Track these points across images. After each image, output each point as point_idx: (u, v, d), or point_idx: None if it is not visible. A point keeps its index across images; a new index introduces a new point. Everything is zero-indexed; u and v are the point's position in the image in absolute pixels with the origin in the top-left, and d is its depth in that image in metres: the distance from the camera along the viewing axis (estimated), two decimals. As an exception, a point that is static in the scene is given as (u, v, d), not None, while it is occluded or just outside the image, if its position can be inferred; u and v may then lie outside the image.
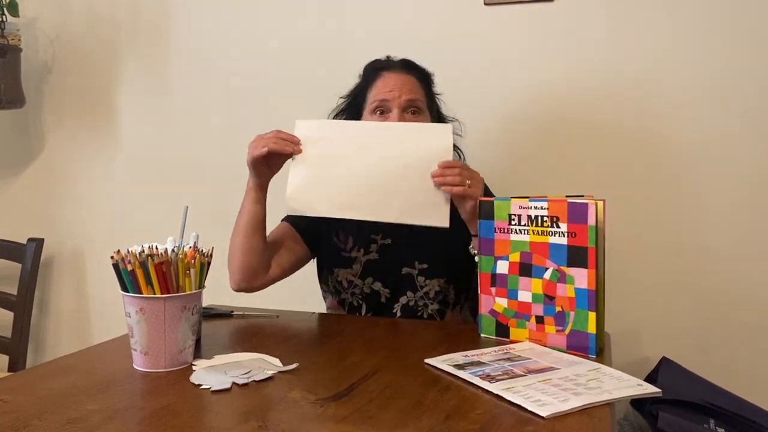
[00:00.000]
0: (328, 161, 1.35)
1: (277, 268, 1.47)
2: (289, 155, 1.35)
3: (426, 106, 1.49)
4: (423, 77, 1.52)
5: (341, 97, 1.57)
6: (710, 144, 1.68)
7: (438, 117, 1.55)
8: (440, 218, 1.31)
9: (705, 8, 1.66)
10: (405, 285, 1.47)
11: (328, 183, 1.34)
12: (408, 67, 1.50)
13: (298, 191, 1.35)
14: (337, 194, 1.34)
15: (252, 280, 1.44)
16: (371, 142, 1.35)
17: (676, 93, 1.69)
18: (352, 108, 1.53)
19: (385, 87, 1.46)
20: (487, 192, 1.46)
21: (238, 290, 1.45)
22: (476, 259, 1.36)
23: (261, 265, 1.43)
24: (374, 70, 1.51)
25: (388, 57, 1.55)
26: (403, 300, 1.48)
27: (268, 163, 1.37)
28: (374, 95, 1.47)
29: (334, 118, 1.56)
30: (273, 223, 1.58)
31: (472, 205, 1.31)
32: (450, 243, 1.44)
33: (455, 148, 1.59)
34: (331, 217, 1.37)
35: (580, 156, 1.76)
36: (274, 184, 1.43)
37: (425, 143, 1.33)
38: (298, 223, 1.52)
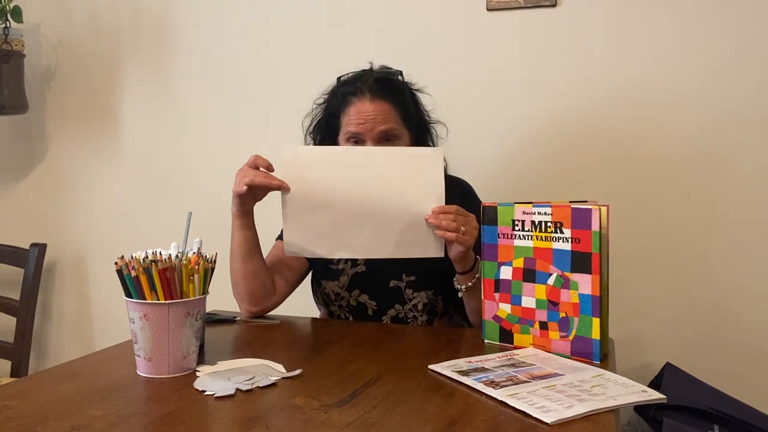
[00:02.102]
0: (319, 200, 1.31)
1: (284, 286, 1.49)
2: (277, 188, 1.32)
3: (403, 125, 1.45)
4: (396, 98, 1.45)
5: (315, 102, 1.55)
6: (714, 149, 1.68)
7: (419, 124, 1.52)
8: (434, 250, 1.31)
9: (707, 12, 1.66)
10: (393, 298, 1.47)
11: (321, 225, 1.32)
12: (380, 91, 1.43)
13: (294, 236, 1.34)
14: (331, 236, 1.32)
15: (261, 303, 1.45)
16: (361, 170, 1.30)
17: (679, 98, 1.69)
18: (327, 123, 1.51)
19: (357, 118, 1.41)
20: (478, 201, 1.46)
21: (251, 316, 1.46)
22: (459, 294, 1.39)
23: (266, 287, 1.44)
24: (345, 95, 1.45)
25: (359, 74, 1.48)
26: (391, 312, 1.48)
27: (253, 193, 1.34)
28: (346, 125, 1.43)
29: (310, 125, 1.55)
30: (272, 231, 1.59)
31: (462, 251, 1.29)
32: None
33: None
34: (329, 258, 1.41)
35: (583, 161, 1.76)
36: (261, 206, 1.41)
37: (416, 169, 1.30)
38: None
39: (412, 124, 1.49)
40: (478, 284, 1.33)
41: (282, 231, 1.54)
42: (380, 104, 1.42)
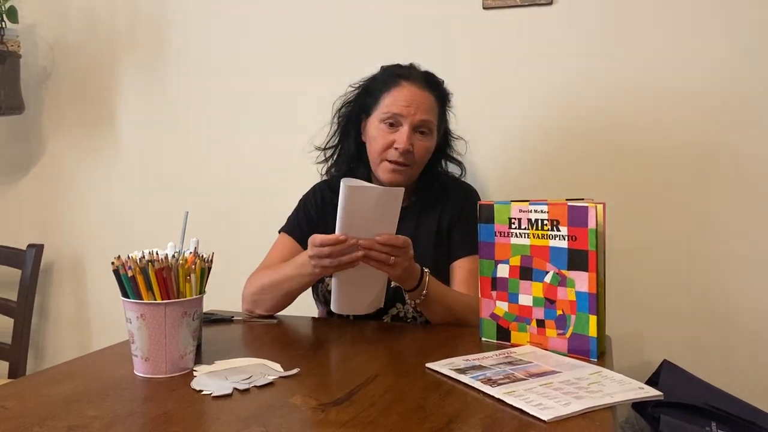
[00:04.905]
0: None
1: None
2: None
3: (436, 125, 1.48)
4: (441, 97, 1.50)
5: (350, 86, 1.56)
6: (712, 147, 1.68)
7: (445, 137, 1.55)
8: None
9: (704, 10, 1.66)
10: (394, 297, 1.47)
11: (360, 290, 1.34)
12: (429, 83, 1.48)
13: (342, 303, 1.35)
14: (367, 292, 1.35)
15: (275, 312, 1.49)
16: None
17: (675, 95, 1.69)
18: (360, 103, 1.52)
19: (402, 99, 1.43)
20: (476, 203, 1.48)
21: (253, 317, 1.48)
22: (410, 307, 1.43)
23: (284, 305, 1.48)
24: (395, 75, 1.48)
25: (411, 64, 1.53)
26: (392, 312, 1.48)
27: None
28: (389, 104, 1.45)
29: (341, 108, 1.56)
30: (269, 230, 1.59)
31: (394, 276, 1.30)
32: (436, 255, 1.46)
33: (458, 163, 1.63)
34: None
35: (579, 159, 1.76)
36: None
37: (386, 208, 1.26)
38: (294, 232, 1.53)
39: (441, 131, 1.53)
40: (428, 300, 1.35)
41: (286, 223, 1.55)
42: (428, 95, 1.46)
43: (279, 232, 1.57)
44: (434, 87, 1.49)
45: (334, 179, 1.55)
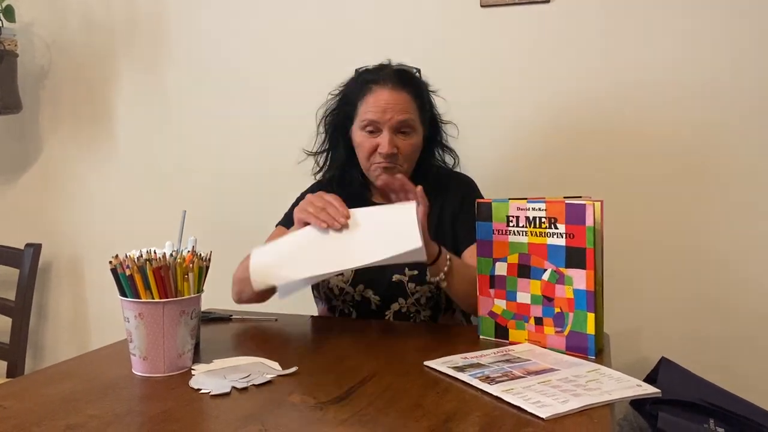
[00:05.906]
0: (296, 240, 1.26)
1: None
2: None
3: (419, 121, 1.47)
4: (416, 91, 1.48)
5: (330, 93, 1.56)
6: (708, 145, 1.68)
7: (431, 123, 1.54)
8: (412, 242, 1.19)
9: (703, 8, 1.66)
10: (396, 292, 1.47)
11: (293, 253, 1.26)
12: (400, 82, 1.46)
13: (260, 263, 1.26)
14: (301, 259, 1.24)
15: (261, 300, 1.45)
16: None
17: (673, 94, 1.69)
18: (342, 113, 1.52)
19: (375, 105, 1.43)
20: (479, 196, 1.49)
21: (240, 303, 1.47)
22: (443, 285, 1.35)
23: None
24: (365, 82, 1.48)
25: (380, 65, 1.52)
26: (395, 307, 1.48)
27: None
28: (364, 112, 1.45)
29: (325, 118, 1.56)
30: (267, 229, 1.59)
31: (422, 214, 1.26)
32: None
33: (449, 150, 1.61)
34: (297, 278, 1.22)
35: (577, 157, 1.77)
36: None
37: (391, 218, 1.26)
38: (290, 225, 1.53)
39: (426, 121, 1.51)
40: (452, 269, 1.32)
41: (283, 216, 1.56)
42: (401, 94, 1.44)
43: (276, 226, 1.57)
44: (407, 84, 1.47)
45: (329, 182, 1.56)
